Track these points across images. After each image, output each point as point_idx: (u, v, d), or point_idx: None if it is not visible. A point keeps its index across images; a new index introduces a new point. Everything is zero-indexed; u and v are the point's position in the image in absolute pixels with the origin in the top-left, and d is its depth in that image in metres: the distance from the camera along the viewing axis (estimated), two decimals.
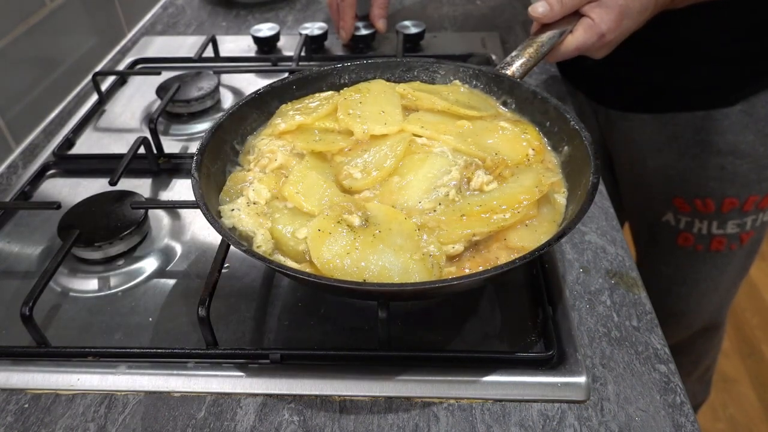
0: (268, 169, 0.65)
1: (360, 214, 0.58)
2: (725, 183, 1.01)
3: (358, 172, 0.63)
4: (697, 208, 1.05)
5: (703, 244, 1.09)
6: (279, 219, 0.59)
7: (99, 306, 0.66)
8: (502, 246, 0.57)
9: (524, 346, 0.60)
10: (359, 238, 0.55)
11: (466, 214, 0.58)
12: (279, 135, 0.69)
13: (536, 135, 0.68)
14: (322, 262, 0.54)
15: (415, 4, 1.36)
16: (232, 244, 0.52)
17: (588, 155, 0.60)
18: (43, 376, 0.59)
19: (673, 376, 0.58)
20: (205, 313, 0.57)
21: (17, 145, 0.94)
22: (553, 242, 0.52)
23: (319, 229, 0.56)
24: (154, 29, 1.30)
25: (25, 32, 0.95)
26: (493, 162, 0.64)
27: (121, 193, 0.77)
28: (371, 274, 0.53)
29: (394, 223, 0.57)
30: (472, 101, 0.72)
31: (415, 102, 0.72)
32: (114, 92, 1.05)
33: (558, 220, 0.60)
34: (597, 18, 0.73)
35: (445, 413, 0.55)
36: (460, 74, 0.77)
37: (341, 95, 0.73)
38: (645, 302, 0.65)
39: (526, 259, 0.50)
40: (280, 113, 0.72)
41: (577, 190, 0.60)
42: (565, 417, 0.55)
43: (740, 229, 1.07)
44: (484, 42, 1.17)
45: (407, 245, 0.55)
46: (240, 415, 0.56)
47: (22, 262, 0.72)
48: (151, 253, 0.73)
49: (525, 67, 0.74)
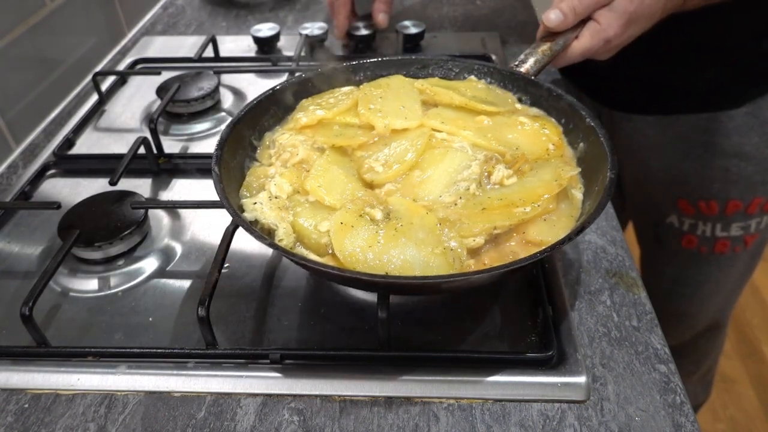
0: (289, 163, 0.65)
1: (382, 208, 0.58)
2: (729, 185, 1.01)
3: (380, 165, 0.64)
4: (701, 210, 1.04)
5: (707, 247, 1.09)
6: (301, 213, 0.59)
7: (99, 306, 0.66)
8: (520, 240, 0.58)
9: (524, 346, 0.60)
10: (381, 231, 0.55)
11: (487, 207, 0.59)
12: (300, 129, 0.69)
13: (556, 130, 0.68)
14: (344, 254, 0.54)
15: (415, 4, 1.36)
16: (255, 237, 0.52)
17: (605, 151, 0.60)
18: (43, 376, 0.59)
19: (673, 376, 0.58)
20: (205, 313, 0.57)
21: (17, 145, 0.94)
22: (573, 236, 0.52)
23: (342, 222, 0.56)
24: (154, 29, 1.30)
25: (25, 32, 0.95)
26: (512, 157, 0.64)
27: (121, 193, 0.77)
28: (393, 267, 0.53)
29: (415, 217, 0.57)
30: (489, 97, 0.72)
31: (434, 97, 0.73)
32: (114, 92, 1.05)
33: (575, 215, 0.60)
34: (604, 23, 0.72)
35: (445, 413, 0.55)
36: (475, 71, 0.77)
37: (361, 90, 0.74)
38: (645, 302, 0.65)
39: (546, 252, 0.51)
40: (301, 108, 0.73)
41: (594, 186, 0.60)
42: (565, 417, 0.55)
43: (744, 232, 1.06)
44: (484, 42, 1.17)
45: (429, 239, 0.55)
46: (240, 415, 0.56)
47: (22, 262, 0.72)
48: (151, 253, 0.73)
49: (539, 65, 0.74)
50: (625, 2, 0.71)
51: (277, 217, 0.59)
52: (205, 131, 0.95)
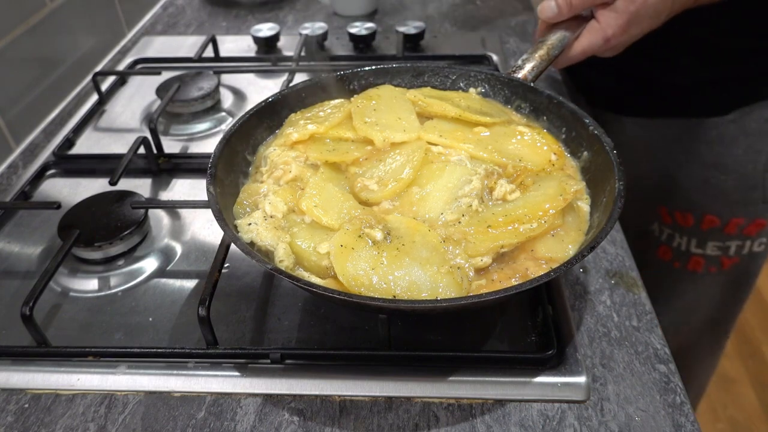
0: (282, 180, 0.63)
1: (381, 228, 0.56)
2: (707, 198, 0.98)
3: (374, 183, 0.62)
4: (677, 220, 1.02)
5: (680, 262, 1.05)
6: (298, 234, 0.57)
7: (99, 306, 0.66)
8: (529, 257, 0.56)
9: (524, 346, 0.60)
10: (384, 252, 0.53)
11: (493, 225, 0.57)
12: (291, 145, 0.67)
13: (552, 139, 0.67)
14: (347, 278, 0.52)
15: (415, 4, 1.36)
16: (256, 261, 0.51)
17: (611, 161, 0.59)
18: (43, 376, 0.59)
19: (673, 376, 0.58)
20: (205, 313, 0.57)
21: (17, 145, 0.94)
22: (587, 253, 0.50)
23: (342, 244, 0.54)
24: (154, 29, 1.30)
25: (25, 32, 0.95)
26: (514, 169, 0.63)
27: (121, 193, 0.77)
28: (401, 290, 0.51)
29: (417, 236, 0.55)
30: (484, 107, 0.71)
31: (426, 108, 0.70)
32: (114, 92, 1.05)
33: (584, 228, 0.58)
34: (604, 22, 0.72)
35: (445, 413, 0.55)
36: (471, 78, 0.75)
37: (353, 103, 0.71)
38: (645, 302, 0.65)
39: (561, 270, 0.49)
40: (290, 122, 0.70)
41: (601, 197, 0.59)
42: (565, 417, 0.55)
43: (722, 253, 1.02)
44: (484, 42, 1.17)
45: (433, 258, 0.53)
46: (240, 415, 0.56)
47: (22, 262, 0.72)
48: (151, 253, 0.73)
49: (537, 71, 0.72)
50: (626, 2, 0.70)
51: (274, 237, 0.57)
52: (205, 131, 0.95)
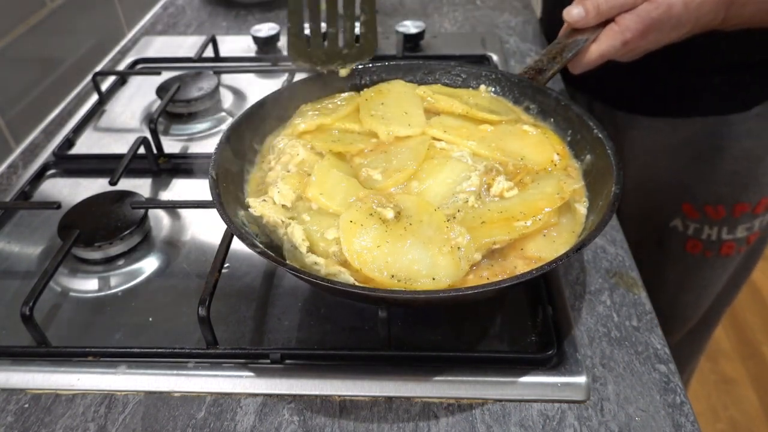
0: (291, 164, 0.64)
1: (392, 206, 0.58)
2: (738, 188, 0.99)
3: (378, 173, 0.63)
4: (708, 214, 1.02)
5: (712, 250, 1.07)
6: (306, 220, 0.58)
7: (99, 306, 0.66)
8: (518, 255, 0.56)
9: (524, 346, 0.60)
10: (389, 231, 0.55)
11: (487, 221, 0.57)
12: (299, 135, 0.68)
13: (557, 139, 0.67)
14: (352, 253, 0.54)
15: (415, 4, 1.36)
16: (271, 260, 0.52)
17: (611, 165, 0.59)
18: (43, 376, 0.59)
19: (673, 376, 0.58)
20: (206, 313, 0.57)
21: (17, 145, 0.94)
22: (572, 254, 0.51)
23: (351, 220, 0.55)
24: (154, 29, 1.30)
25: (25, 32, 0.95)
26: (515, 167, 0.63)
27: (121, 193, 0.77)
28: (399, 268, 0.53)
29: (424, 215, 0.57)
30: (492, 105, 0.71)
31: (434, 104, 0.71)
32: (114, 92, 1.05)
33: (578, 231, 0.59)
34: (623, 25, 0.70)
35: (445, 413, 0.55)
36: (482, 78, 0.76)
37: (362, 96, 0.73)
38: (645, 302, 0.65)
39: (544, 269, 0.50)
40: (299, 113, 0.72)
41: (599, 200, 0.59)
42: (565, 417, 0.55)
43: (749, 232, 1.05)
44: (484, 42, 1.17)
45: (436, 237, 0.55)
46: (240, 415, 0.56)
47: (22, 262, 0.72)
48: (151, 253, 0.73)
49: (549, 73, 0.72)
50: (649, 7, 0.69)
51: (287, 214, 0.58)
52: (205, 131, 0.95)
